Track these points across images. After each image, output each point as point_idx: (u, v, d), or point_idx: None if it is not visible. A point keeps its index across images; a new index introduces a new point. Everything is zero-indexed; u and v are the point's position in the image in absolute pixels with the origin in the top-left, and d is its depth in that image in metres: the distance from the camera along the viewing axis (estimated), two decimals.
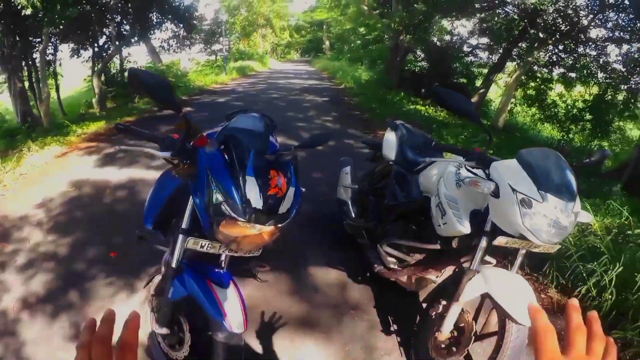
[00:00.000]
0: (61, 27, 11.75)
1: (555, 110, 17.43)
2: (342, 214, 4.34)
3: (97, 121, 10.26)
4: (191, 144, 2.19)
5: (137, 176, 6.37)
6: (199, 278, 2.32)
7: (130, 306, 3.46)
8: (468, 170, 2.63)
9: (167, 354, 2.64)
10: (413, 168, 3.37)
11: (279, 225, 2.15)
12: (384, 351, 3.15)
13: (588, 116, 16.24)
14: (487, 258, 2.76)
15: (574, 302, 0.71)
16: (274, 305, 3.52)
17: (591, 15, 15.06)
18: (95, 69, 13.54)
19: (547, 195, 2.19)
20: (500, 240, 2.39)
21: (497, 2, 16.28)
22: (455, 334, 2.64)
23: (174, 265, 2.33)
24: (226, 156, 2.15)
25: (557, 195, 2.20)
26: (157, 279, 2.67)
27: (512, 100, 18.27)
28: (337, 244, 4.47)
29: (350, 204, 4.27)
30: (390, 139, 3.81)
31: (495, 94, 20.92)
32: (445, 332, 2.57)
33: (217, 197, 2.01)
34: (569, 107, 16.98)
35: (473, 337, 2.56)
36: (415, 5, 16.84)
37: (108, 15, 12.73)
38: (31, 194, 5.83)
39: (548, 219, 2.18)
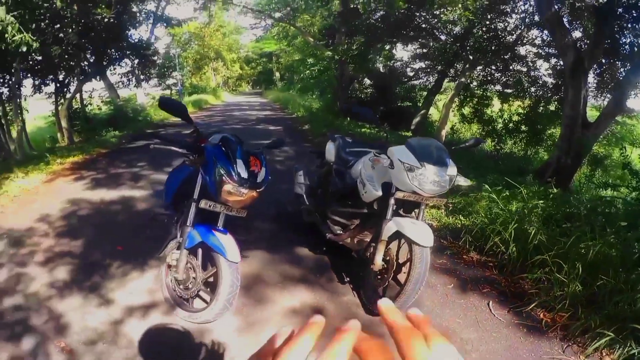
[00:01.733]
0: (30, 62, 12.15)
1: (494, 124, 18.67)
2: (299, 204, 5.57)
3: (73, 152, 10.84)
4: (199, 144, 3.53)
5: (127, 194, 7.35)
6: (207, 229, 3.48)
7: (144, 279, 4.49)
8: (376, 155, 3.88)
9: (182, 295, 3.77)
10: (347, 165, 4.77)
11: (257, 190, 3.40)
12: (341, 294, 4.34)
13: (524, 127, 17.63)
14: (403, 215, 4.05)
15: (385, 302, 0.66)
16: (258, 275, 4.67)
17: (516, 34, 16.57)
18: (60, 104, 14.01)
19: (425, 164, 3.53)
20: (399, 194, 3.69)
21: (428, 30, 17.69)
22: (385, 265, 3.86)
23: (188, 223, 3.50)
24: (224, 149, 3.37)
25: (433, 163, 3.54)
26: (171, 245, 3.79)
27: (453, 118, 19.57)
28: (298, 231, 5.71)
29: (304, 195, 5.49)
30: (330, 147, 5.20)
31: (435, 115, 22.07)
32: (377, 264, 3.78)
33: (220, 172, 3.24)
34: (506, 121, 18.24)
35: (395, 264, 3.83)
36: (354, 37, 18.14)
37: (72, 52, 13.13)
38: (30, 211, 6.52)
39: (428, 178, 3.53)
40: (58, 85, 13.83)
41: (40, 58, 12.33)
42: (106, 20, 13.04)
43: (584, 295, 4.09)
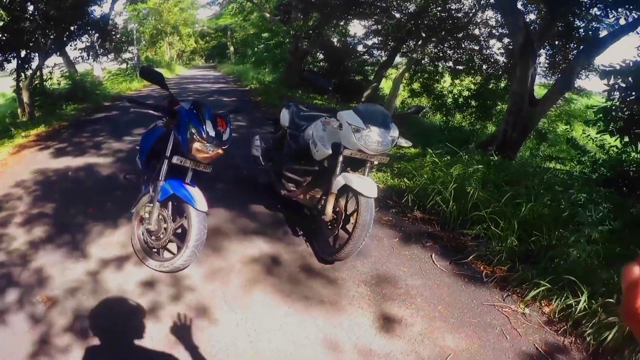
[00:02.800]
0: None
1: (444, 99, 19.24)
2: (255, 166, 6.07)
3: (35, 126, 10.89)
4: (172, 107, 4.10)
5: (91, 161, 7.70)
6: (177, 183, 3.98)
7: (117, 235, 4.94)
8: (327, 119, 4.43)
9: (153, 246, 4.25)
10: (300, 129, 5.28)
11: (223, 147, 3.94)
12: (296, 245, 4.90)
13: (474, 103, 18.21)
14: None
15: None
16: (219, 229, 5.16)
17: (470, 15, 17.09)
18: (21, 80, 13.68)
19: (370, 126, 4.08)
20: (346, 152, 4.19)
21: (383, 7, 17.89)
22: (335, 217, 4.41)
23: (161, 178, 4.00)
24: (195, 111, 3.89)
25: (377, 125, 4.08)
26: (143, 200, 4.28)
27: (403, 92, 20.06)
28: (255, 192, 6.20)
29: (260, 157, 5.97)
30: (284, 113, 5.73)
31: (387, 88, 22.55)
32: (328, 214, 4.32)
33: (192, 131, 3.78)
34: (456, 96, 18.83)
35: (344, 214, 4.38)
36: (310, 13, 18.53)
37: (41, 27, 13.06)
38: (1, 180, 6.73)
39: (372, 138, 4.07)
40: (20, 61, 13.64)
41: (4, 35, 12.20)
42: None
43: (520, 250, 4.62)
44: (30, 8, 12.96)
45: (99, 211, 5.48)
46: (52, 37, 14.16)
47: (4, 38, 12.21)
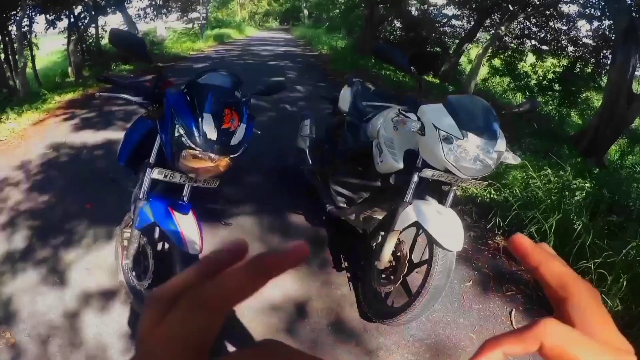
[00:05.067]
0: None
1: (527, 80, 17.77)
2: (300, 161, 4.68)
3: (73, 89, 10.30)
4: (159, 89, 2.71)
5: (113, 137, 6.60)
6: (162, 206, 2.68)
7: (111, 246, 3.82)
8: (402, 114, 2.87)
9: (134, 285, 3.01)
10: (364, 118, 3.72)
11: (231, 156, 2.56)
12: (335, 285, 3.57)
13: (558, 87, 16.70)
14: (428, 199, 3.06)
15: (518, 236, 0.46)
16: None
17: None
18: (72, 38, 13.38)
19: (468, 134, 2.53)
20: (426, 173, 2.74)
21: None
22: (394, 263, 3.02)
23: (141, 196, 2.73)
24: (188, 98, 2.53)
25: (478, 134, 2.54)
26: (126, 218, 3.06)
27: (483, 69, 18.61)
28: (297, 191, 4.88)
29: (307, 151, 4.59)
30: (345, 93, 4.20)
31: (467, 64, 21.18)
32: (384, 260, 2.95)
33: (180, 130, 2.43)
34: (540, 78, 17.36)
35: (407, 264, 2.91)
36: None
37: None
38: (11, 157, 6.05)
39: (469, 154, 2.54)
40: (72, 20, 13.37)
41: None
42: None
43: (623, 316, 3.34)
44: None
45: (98, 207, 4.48)
46: None
47: None
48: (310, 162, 4.53)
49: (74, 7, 13.23)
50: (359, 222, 3.76)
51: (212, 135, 2.45)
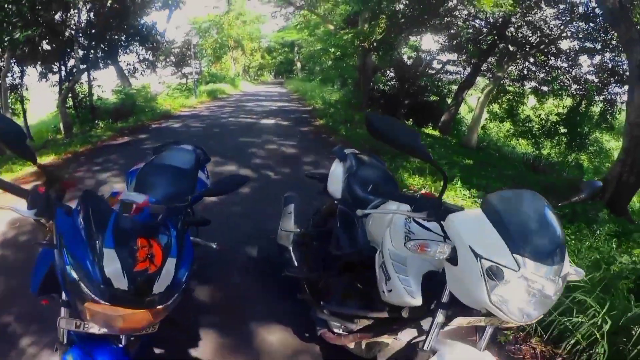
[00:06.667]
0: (18, 50, 11.33)
1: (530, 125, 17.52)
2: (283, 263, 3.54)
3: (55, 149, 9.50)
4: (58, 197, 1.85)
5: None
6: (85, 358, 1.82)
7: None
8: (418, 223, 1.96)
9: None
10: (360, 206, 2.61)
11: (158, 307, 1.68)
12: None
13: (563, 129, 16.36)
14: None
15: None
16: None
17: (561, 26, 15.17)
18: (62, 92, 13.12)
19: (524, 261, 1.53)
20: (460, 322, 1.82)
21: (464, 16, 16.22)
22: None
23: (61, 338, 1.90)
24: (82, 221, 1.67)
25: (539, 259, 1.55)
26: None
27: (485, 116, 18.20)
28: (283, 294, 3.67)
29: (292, 250, 3.50)
30: (336, 171, 3.23)
31: (464, 111, 20.84)
32: None
33: (72, 273, 1.58)
34: (543, 121, 17.11)
35: None
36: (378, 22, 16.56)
37: (70, 37, 12.60)
38: None
39: (525, 291, 1.56)
40: (65, 73, 13.30)
41: (48, 47, 12.07)
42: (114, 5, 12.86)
43: None
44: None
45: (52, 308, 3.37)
46: (95, 47, 14.19)
47: (44, 51, 12.29)
48: (296, 265, 3.44)
49: (65, 58, 13.19)
50: (361, 350, 2.74)
51: (121, 282, 1.57)
